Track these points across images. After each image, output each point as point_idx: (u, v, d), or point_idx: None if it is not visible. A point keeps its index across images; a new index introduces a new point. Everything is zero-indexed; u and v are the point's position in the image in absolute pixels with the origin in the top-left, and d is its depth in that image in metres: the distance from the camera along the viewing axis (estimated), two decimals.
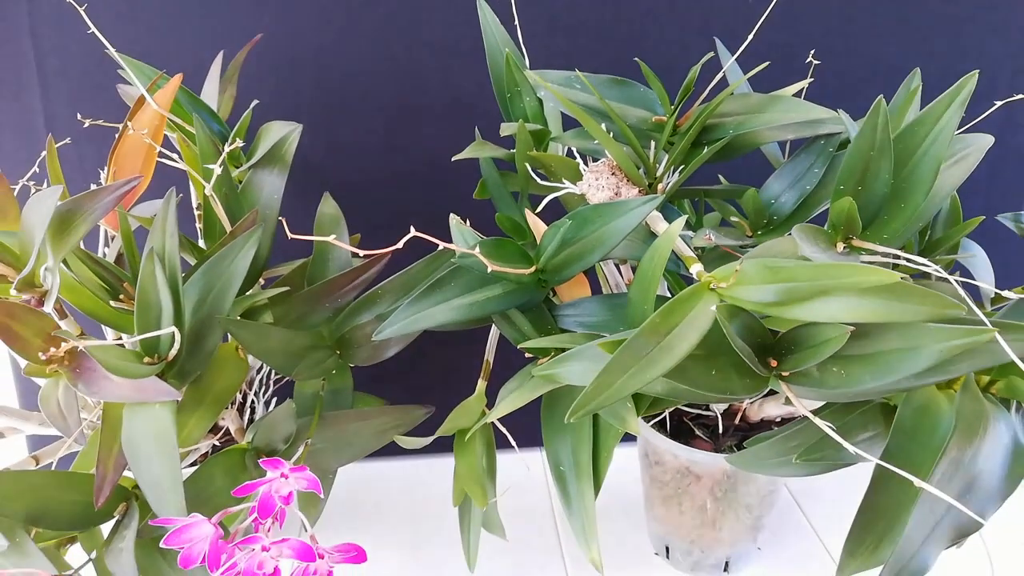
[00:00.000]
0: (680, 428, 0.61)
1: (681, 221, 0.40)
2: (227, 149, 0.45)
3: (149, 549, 0.41)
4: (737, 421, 0.59)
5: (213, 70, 0.61)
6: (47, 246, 0.42)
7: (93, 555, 0.41)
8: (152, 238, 0.40)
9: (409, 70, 0.68)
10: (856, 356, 0.34)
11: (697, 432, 0.61)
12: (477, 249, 0.33)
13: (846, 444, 0.33)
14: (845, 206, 0.35)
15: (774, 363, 0.37)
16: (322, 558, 0.37)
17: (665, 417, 0.61)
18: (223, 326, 0.43)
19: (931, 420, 0.35)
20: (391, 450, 0.79)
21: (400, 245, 0.29)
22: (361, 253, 0.29)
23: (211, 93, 0.60)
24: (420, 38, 0.67)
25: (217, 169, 0.44)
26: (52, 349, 0.37)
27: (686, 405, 0.61)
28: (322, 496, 0.37)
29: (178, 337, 0.38)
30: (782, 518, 0.71)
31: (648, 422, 0.61)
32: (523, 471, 0.77)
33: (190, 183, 0.61)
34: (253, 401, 0.65)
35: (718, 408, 0.59)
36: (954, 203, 0.49)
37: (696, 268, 0.39)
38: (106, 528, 0.45)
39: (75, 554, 0.44)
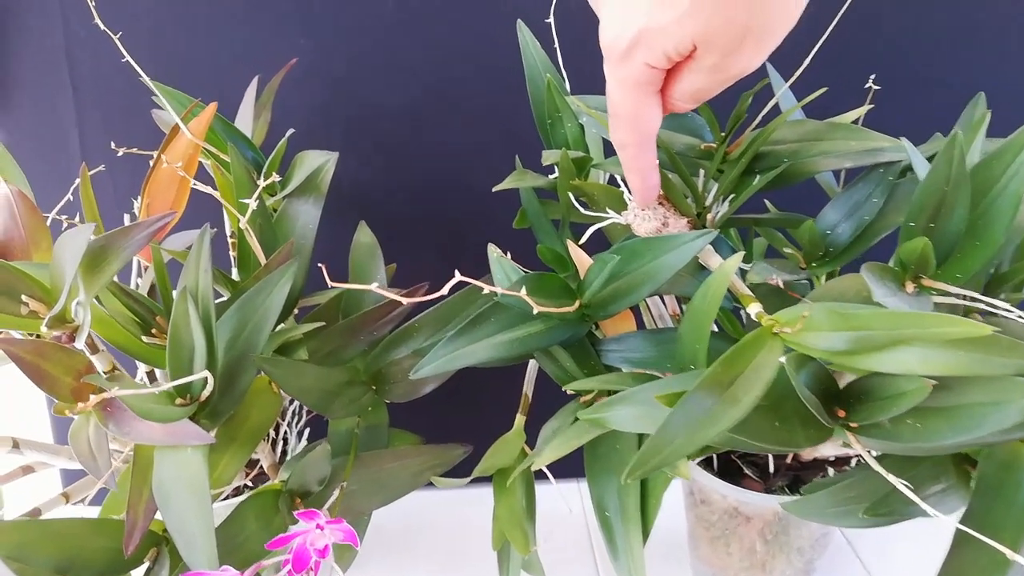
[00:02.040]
0: (728, 466, 0.58)
1: (738, 258, 0.37)
2: (263, 184, 0.43)
3: None
4: (789, 460, 0.57)
5: (248, 95, 0.60)
6: (79, 281, 0.41)
7: None
8: (185, 275, 0.39)
9: (445, 94, 0.67)
10: (935, 409, 0.32)
11: (746, 471, 0.58)
12: (523, 291, 0.31)
13: (922, 504, 0.31)
14: (919, 246, 0.33)
15: (841, 413, 0.34)
16: None
17: (712, 455, 0.59)
18: (257, 364, 0.41)
19: (1017, 478, 0.32)
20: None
21: (445, 291, 0.28)
22: (404, 301, 0.27)
23: (246, 119, 0.59)
24: (457, 62, 0.66)
25: (252, 204, 0.43)
26: (81, 402, 0.35)
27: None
28: (358, 548, 0.35)
29: (211, 380, 0.37)
30: (834, 561, 0.68)
31: (694, 459, 0.58)
32: (560, 501, 0.75)
33: (224, 210, 0.60)
34: (286, 432, 0.63)
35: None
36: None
37: (755, 309, 0.37)
38: (136, 573, 0.43)
39: None
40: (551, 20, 0.58)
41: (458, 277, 0.28)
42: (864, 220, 0.46)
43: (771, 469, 0.57)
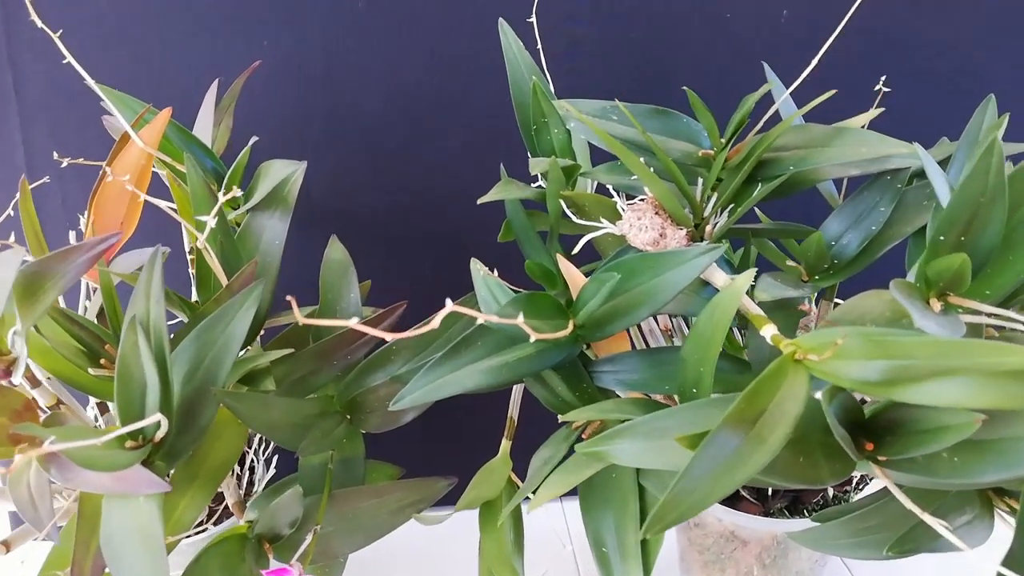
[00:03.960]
0: None
1: (749, 275, 0.34)
2: (223, 198, 0.39)
3: None
4: None
5: (207, 100, 0.56)
6: (14, 310, 0.36)
7: None
8: (135, 304, 0.35)
9: (423, 98, 0.63)
10: (973, 443, 0.29)
11: (743, 493, 0.55)
12: (521, 318, 0.27)
13: (955, 540, 0.28)
14: (955, 263, 0.30)
15: (869, 446, 0.31)
16: None
17: None
18: (219, 399, 0.37)
19: None
20: None
21: (436, 324, 0.24)
22: (389, 338, 0.23)
23: (205, 125, 0.54)
24: (436, 64, 0.62)
25: (211, 222, 0.39)
26: (19, 455, 0.31)
27: None
28: None
29: (164, 423, 0.33)
30: None
31: None
32: (550, 529, 0.71)
33: (183, 231, 0.55)
34: (252, 461, 0.59)
35: None
36: None
37: (769, 331, 0.33)
38: None
39: None
40: (533, 20, 0.55)
41: (450, 307, 0.25)
42: (871, 230, 0.44)
43: (769, 492, 0.54)
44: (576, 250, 0.43)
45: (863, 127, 0.43)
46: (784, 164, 0.42)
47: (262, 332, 0.50)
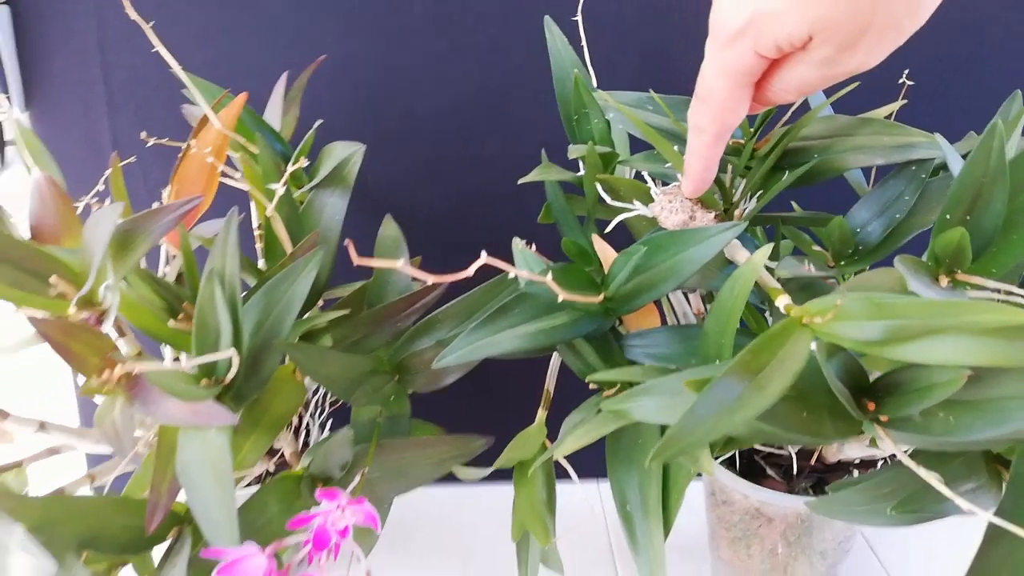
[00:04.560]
0: (751, 467, 0.58)
1: (767, 250, 0.37)
2: (291, 168, 0.44)
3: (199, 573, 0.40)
4: (813, 461, 0.56)
5: (277, 91, 0.61)
6: (108, 264, 0.41)
7: None
8: (212, 259, 0.39)
9: (471, 93, 0.67)
10: (967, 402, 0.31)
11: (769, 472, 0.57)
12: (549, 276, 0.31)
13: (956, 499, 0.30)
14: (956, 237, 0.32)
15: (871, 406, 0.34)
16: None
17: (735, 454, 0.58)
18: (282, 349, 0.42)
19: None
20: (446, 476, 0.77)
21: (471, 272, 0.28)
22: (429, 280, 0.27)
23: (274, 114, 0.59)
24: (483, 61, 0.66)
25: (280, 189, 0.43)
26: (107, 372, 0.36)
27: (761, 444, 0.57)
28: (378, 531, 0.35)
29: (236, 360, 0.37)
30: (858, 566, 0.67)
31: (717, 459, 0.57)
32: (580, 500, 0.74)
33: (251, 203, 0.60)
34: (308, 423, 0.63)
35: (793, 448, 0.55)
36: None
37: (783, 301, 0.36)
38: (157, 552, 0.44)
39: None
40: (578, 19, 0.58)
41: (484, 258, 0.28)
42: (895, 218, 0.46)
43: (794, 470, 0.56)
44: (608, 229, 0.46)
45: (888, 118, 0.45)
46: (810, 152, 0.45)
47: (321, 303, 0.55)
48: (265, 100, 0.61)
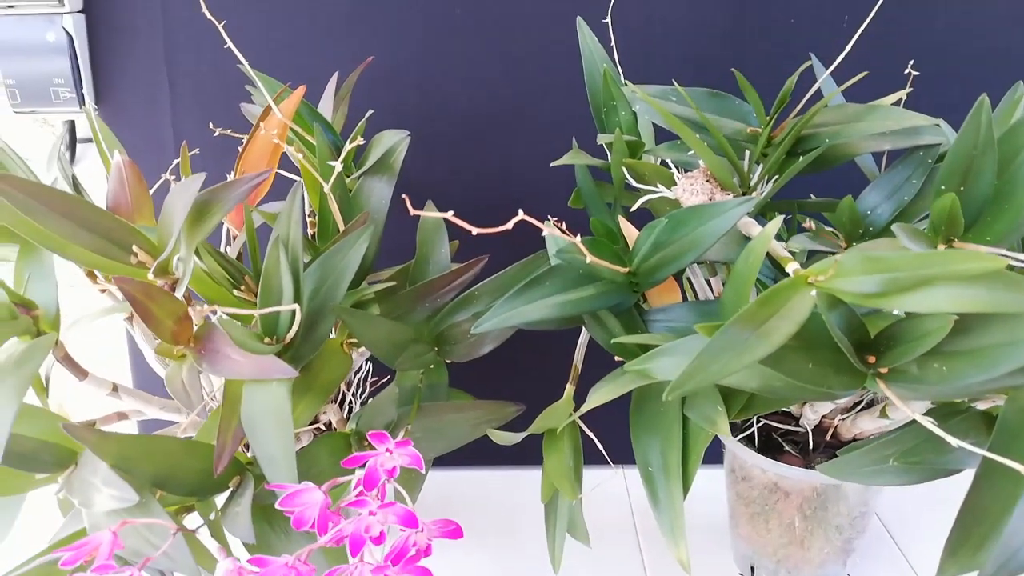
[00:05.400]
0: (769, 444, 0.61)
1: (778, 221, 0.41)
2: (348, 147, 0.48)
3: (259, 519, 0.44)
4: (828, 438, 0.59)
5: (328, 89, 0.66)
6: (182, 236, 0.46)
7: (212, 516, 0.44)
8: (279, 226, 0.44)
9: (507, 93, 0.71)
10: (958, 352, 0.34)
11: (786, 448, 0.60)
12: (577, 238, 0.35)
13: (948, 437, 0.33)
14: (947, 203, 0.35)
15: (872, 359, 0.37)
16: (422, 531, 0.39)
17: (754, 432, 0.61)
18: (336, 314, 0.46)
19: None
20: (479, 459, 0.81)
21: (510, 226, 0.32)
22: (474, 231, 0.31)
23: (326, 111, 0.64)
24: (519, 62, 0.70)
25: (338, 166, 0.48)
26: (180, 344, 0.40)
27: (775, 419, 0.60)
28: (423, 471, 0.39)
29: (298, 315, 0.42)
30: (873, 547, 0.69)
31: (736, 435, 0.61)
32: (607, 484, 0.78)
33: (305, 194, 0.65)
34: (351, 401, 0.68)
35: (808, 424, 0.58)
36: None
37: (792, 267, 0.40)
38: (220, 501, 0.48)
39: (192, 523, 0.47)
40: (608, 20, 0.62)
41: (521, 215, 0.32)
42: (903, 201, 0.49)
43: (811, 446, 0.59)
44: (634, 208, 0.50)
45: (895, 105, 0.48)
46: (822, 138, 0.48)
47: (367, 283, 0.59)
48: (317, 100, 0.66)
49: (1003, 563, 0.32)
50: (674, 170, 0.53)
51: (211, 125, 0.59)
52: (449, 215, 0.31)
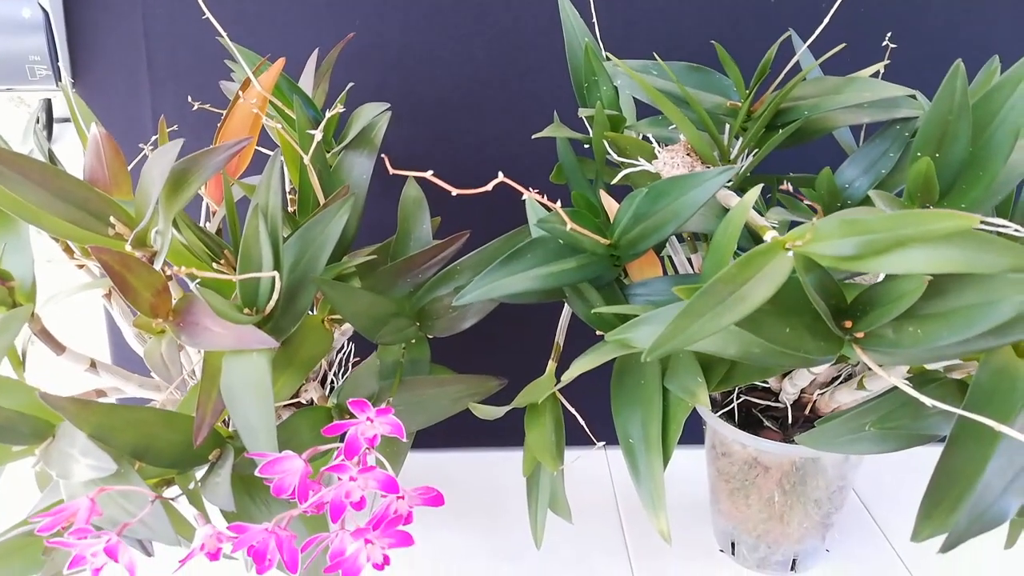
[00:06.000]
0: (749, 420, 0.61)
1: (756, 189, 0.41)
2: (328, 114, 0.48)
3: (239, 491, 0.44)
4: (807, 413, 0.59)
5: (308, 66, 0.65)
6: (160, 207, 0.46)
7: (191, 486, 0.44)
8: (257, 195, 0.44)
9: (488, 70, 0.71)
10: (933, 314, 0.35)
11: (766, 423, 0.60)
12: (558, 204, 0.35)
13: (923, 398, 0.34)
14: (923, 167, 0.36)
15: (848, 324, 0.37)
16: (403, 498, 0.39)
17: (734, 409, 0.61)
18: (316, 284, 0.46)
19: (1009, 382, 0.35)
20: (460, 441, 0.82)
21: (489, 188, 0.32)
22: (454, 192, 0.31)
23: (306, 87, 0.64)
24: (500, 40, 0.70)
25: (318, 134, 0.47)
26: (158, 317, 0.40)
27: (755, 396, 0.61)
28: (404, 440, 0.39)
29: (278, 283, 0.41)
30: (851, 522, 0.70)
31: (716, 412, 0.61)
32: (589, 466, 0.78)
33: (285, 171, 0.65)
34: (333, 380, 0.68)
35: (788, 399, 0.59)
36: None
37: (770, 235, 0.40)
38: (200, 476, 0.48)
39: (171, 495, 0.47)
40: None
41: (501, 177, 0.32)
42: (881, 174, 0.49)
43: (790, 421, 0.59)
44: (615, 181, 0.50)
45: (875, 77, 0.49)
46: (800, 110, 0.49)
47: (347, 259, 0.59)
48: (297, 78, 0.65)
49: (975, 517, 0.33)
50: (655, 145, 0.53)
51: (190, 99, 0.58)
52: (428, 174, 0.31)
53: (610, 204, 0.52)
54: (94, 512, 0.36)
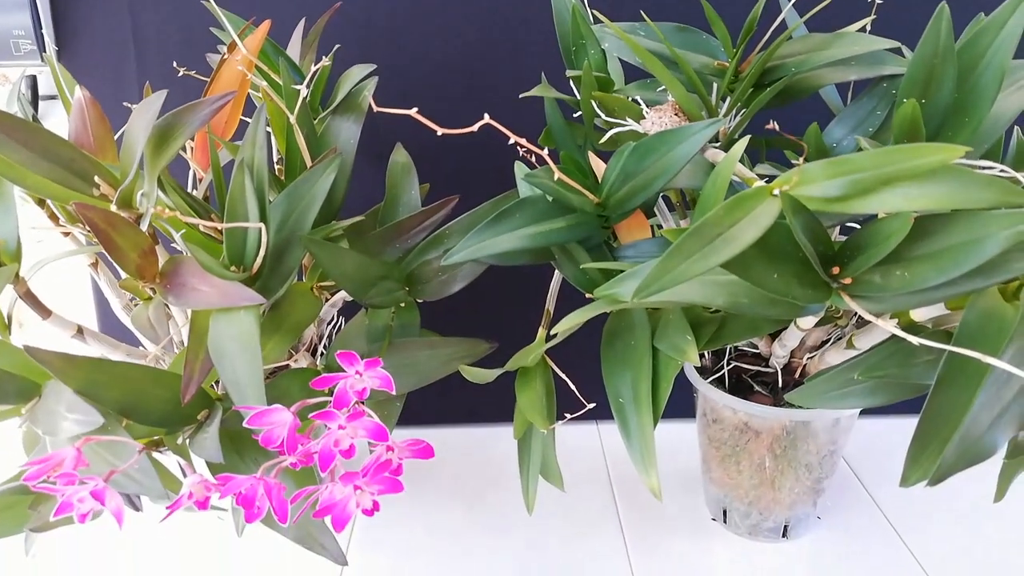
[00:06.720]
0: (739, 385, 0.61)
1: (743, 142, 0.41)
2: (316, 68, 0.48)
3: (227, 448, 0.44)
4: (797, 375, 0.59)
5: (295, 36, 0.65)
6: (145, 164, 0.45)
7: (179, 440, 0.44)
8: (243, 150, 0.43)
9: (476, 36, 0.71)
10: (920, 256, 0.35)
11: (756, 388, 0.61)
12: (545, 151, 0.34)
13: (911, 337, 0.34)
14: (909, 110, 0.36)
15: (836, 270, 0.37)
16: (391, 450, 0.39)
17: (724, 375, 0.61)
18: (304, 244, 0.45)
19: (996, 324, 0.35)
20: (451, 419, 0.81)
21: (475, 128, 0.31)
22: (439, 131, 0.31)
23: (293, 56, 0.63)
24: (488, 6, 0.70)
25: (304, 90, 0.47)
26: (144, 280, 0.39)
27: (746, 362, 0.61)
28: (393, 392, 0.39)
29: (264, 237, 0.41)
30: (842, 491, 0.70)
31: (707, 378, 0.61)
32: (581, 438, 0.78)
33: (272, 140, 0.64)
34: (323, 352, 0.67)
35: (778, 362, 0.59)
36: (1020, 145, 0.49)
37: (758, 184, 0.40)
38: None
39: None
40: None
41: (487, 119, 0.32)
42: (868, 132, 0.49)
43: (780, 385, 0.60)
44: (603, 141, 0.50)
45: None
46: (787, 68, 0.49)
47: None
48: (284, 47, 0.65)
49: (963, 451, 0.33)
50: (643, 106, 0.53)
51: (175, 64, 0.57)
52: (413, 112, 0.30)
53: (599, 166, 0.52)
54: (80, 462, 0.35)
